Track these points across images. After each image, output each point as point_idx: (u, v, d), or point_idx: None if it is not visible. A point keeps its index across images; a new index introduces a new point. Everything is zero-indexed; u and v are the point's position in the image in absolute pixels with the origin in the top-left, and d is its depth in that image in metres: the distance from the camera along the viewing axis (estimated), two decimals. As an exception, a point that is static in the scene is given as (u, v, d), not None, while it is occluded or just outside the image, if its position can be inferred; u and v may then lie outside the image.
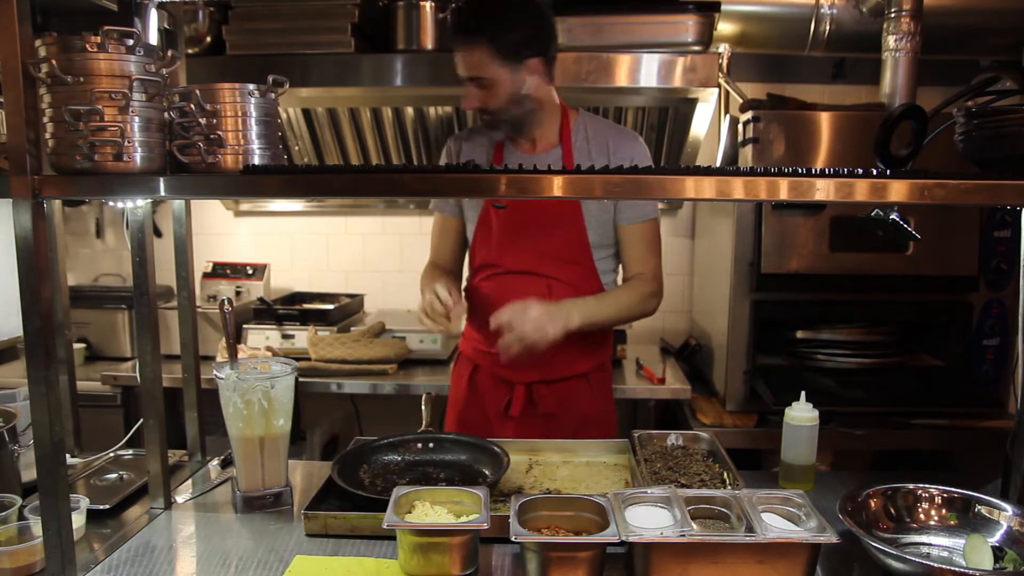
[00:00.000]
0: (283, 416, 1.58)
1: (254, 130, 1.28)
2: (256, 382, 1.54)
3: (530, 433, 1.95)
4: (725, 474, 1.61)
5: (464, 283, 2.18)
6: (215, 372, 1.56)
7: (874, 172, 1.13)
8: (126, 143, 1.19)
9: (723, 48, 2.65)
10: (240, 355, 2.74)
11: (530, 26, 1.86)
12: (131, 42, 1.18)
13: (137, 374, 1.62)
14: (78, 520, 1.44)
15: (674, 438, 1.77)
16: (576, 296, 1.96)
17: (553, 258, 1.99)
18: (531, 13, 1.87)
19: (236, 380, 1.54)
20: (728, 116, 2.56)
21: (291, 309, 2.97)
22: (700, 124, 2.74)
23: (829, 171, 1.13)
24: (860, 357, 2.47)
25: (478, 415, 2.10)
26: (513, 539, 1.23)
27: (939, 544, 1.43)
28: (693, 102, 2.63)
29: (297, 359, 2.94)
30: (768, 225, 2.36)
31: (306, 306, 3.10)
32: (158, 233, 2.98)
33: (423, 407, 1.89)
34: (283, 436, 1.59)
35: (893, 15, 1.55)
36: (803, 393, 1.70)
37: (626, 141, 1.99)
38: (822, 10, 2.50)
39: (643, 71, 2.39)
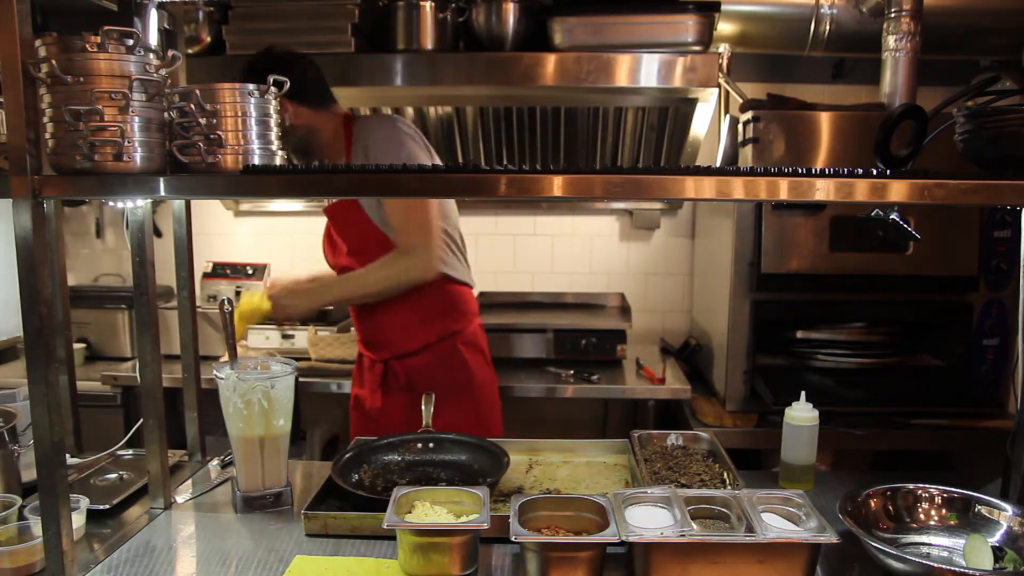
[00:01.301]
0: (283, 416, 1.58)
1: (254, 130, 1.28)
2: (256, 382, 1.54)
3: (394, 405, 2.16)
4: (725, 474, 1.61)
5: None
6: (215, 372, 1.56)
7: (874, 172, 1.13)
8: (126, 143, 1.19)
9: (723, 48, 2.65)
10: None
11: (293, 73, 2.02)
12: (131, 42, 1.18)
13: (137, 374, 1.62)
14: (78, 520, 1.44)
15: (674, 438, 1.77)
16: None
17: (366, 252, 2.12)
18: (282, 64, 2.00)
19: (236, 380, 1.54)
20: (728, 116, 2.56)
21: (291, 309, 2.96)
22: (700, 124, 2.74)
23: (829, 171, 1.13)
24: (860, 357, 2.47)
25: (364, 392, 2.31)
26: (513, 539, 1.23)
27: (939, 544, 1.43)
28: (693, 102, 2.63)
29: (297, 359, 2.95)
30: (768, 225, 2.36)
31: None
32: (158, 233, 2.98)
33: (423, 407, 1.89)
34: (283, 436, 1.59)
35: (893, 15, 1.55)
36: (803, 393, 1.70)
37: (369, 129, 2.08)
38: (822, 10, 2.50)
39: (643, 71, 2.39)
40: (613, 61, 2.38)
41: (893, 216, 1.57)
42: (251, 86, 1.27)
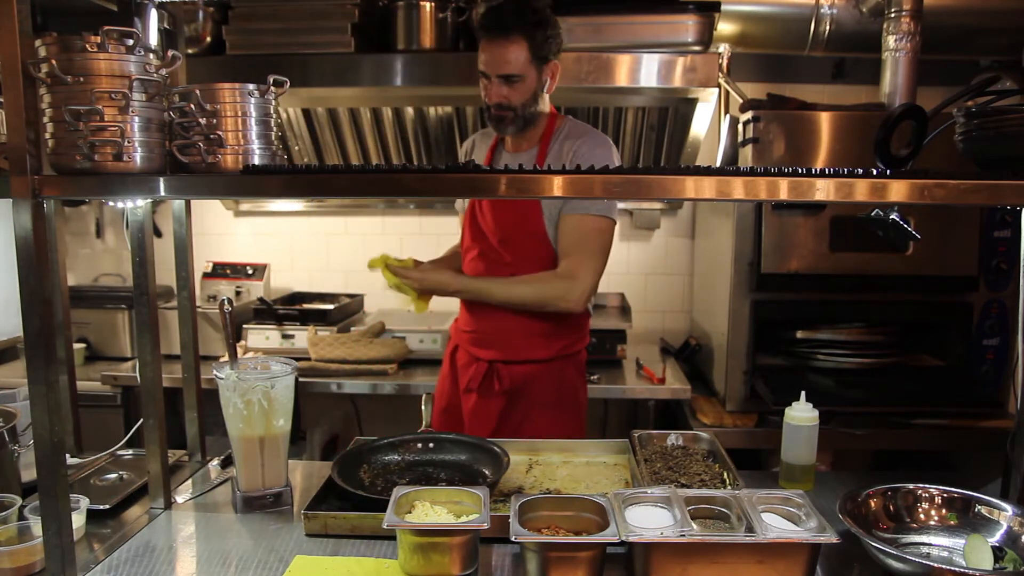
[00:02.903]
0: (283, 416, 1.58)
1: (254, 130, 1.28)
2: (256, 382, 1.54)
3: (487, 408, 2.08)
4: (725, 474, 1.61)
5: None
6: (215, 372, 1.56)
7: (874, 172, 1.13)
8: (126, 143, 1.19)
9: (723, 48, 2.65)
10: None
11: (557, 29, 1.96)
12: (131, 42, 1.18)
13: (137, 374, 1.62)
14: (78, 520, 1.44)
15: (674, 438, 1.77)
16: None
17: (518, 244, 2.07)
18: (553, 18, 1.96)
19: (236, 380, 1.54)
20: (728, 116, 2.56)
21: (291, 309, 2.97)
22: (700, 124, 2.74)
23: (829, 171, 1.13)
24: (860, 357, 2.47)
25: (451, 388, 2.24)
26: (513, 539, 1.23)
27: (939, 544, 1.43)
28: (693, 102, 2.63)
29: (297, 359, 2.95)
30: (768, 225, 2.36)
31: (306, 306, 3.10)
32: (158, 233, 2.98)
33: (423, 407, 1.89)
34: (283, 436, 1.59)
35: (893, 15, 1.55)
36: (803, 393, 1.70)
37: (589, 145, 2.02)
38: (822, 10, 2.50)
39: (643, 71, 2.39)
40: (613, 61, 2.38)
41: (893, 216, 1.57)
42: (251, 86, 1.27)
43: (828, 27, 2.52)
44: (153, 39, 1.58)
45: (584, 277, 2.01)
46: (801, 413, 1.67)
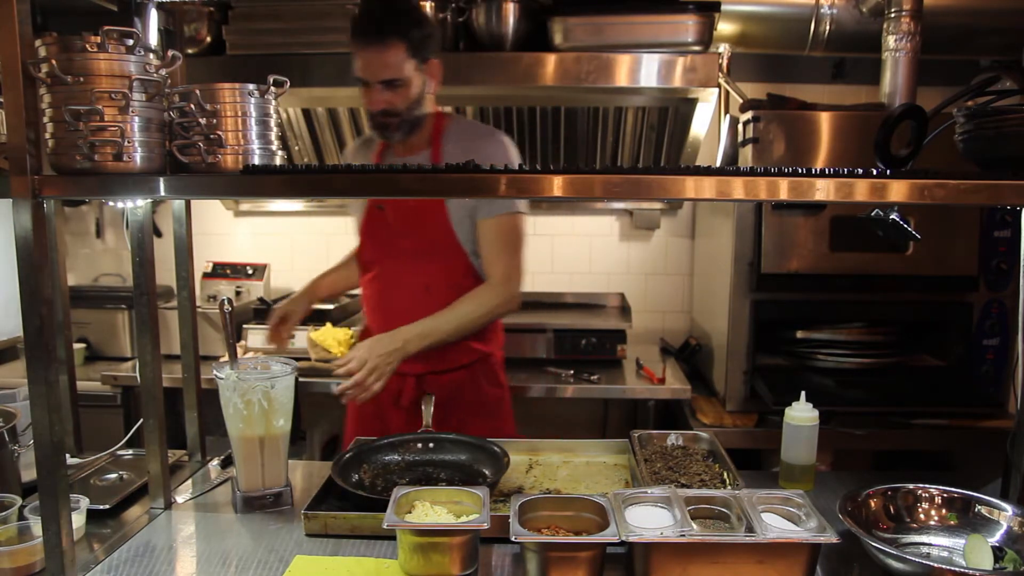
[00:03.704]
0: (283, 416, 1.58)
1: (254, 130, 1.28)
2: (256, 382, 1.54)
3: (420, 421, 1.99)
4: (725, 474, 1.61)
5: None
6: (215, 372, 1.56)
7: (874, 172, 1.13)
8: (126, 143, 1.19)
9: (723, 48, 2.65)
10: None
11: (432, 28, 1.92)
12: (131, 42, 1.18)
13: (137, 374, 1.62)
14: (78, 520, 1.44)
15: (674, 438, 1.77)
16: (454, 295, 2.00)
17: (427, 259, 2.03)
18: (427, 16, 1.93)
19: (236, 380, 1.54)
20: (728, 116, 2.56)
21: (291, 309, 2.96)
22: (700, 124, 2.74)
23: (829, 171, 1.13)
24: (860, 357, 2.47)
25: (372, 407, 2.09)
26: (513, 539, 1.23)
27: (939, 544, 1.43)
28: (693, 102, 2.63)
29: (297, 359, 2.94)
30: (768, 225, 2.36)
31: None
32: (158, 233, 2.98)
33: (423, 407, 1.89)
34: (283, 436, 1.59)
35: (893, 15, 1.55)
36: (803, 393, 1.70)
37: (484, 142, 2.01)
38: (822, 10, 2.50)
39: (643, 71, 2.39)
40: (613, 61, 2.38)
41: (893, 216, 1.57)
42: (251, 86, 1.27)
43: (828, 27, 2.52)
44: (153, 39, 1.58)
45: (517, 276, 2.03)
46: (801, 413, 1.67)
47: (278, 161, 1.33)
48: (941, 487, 1.48)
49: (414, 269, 2.03)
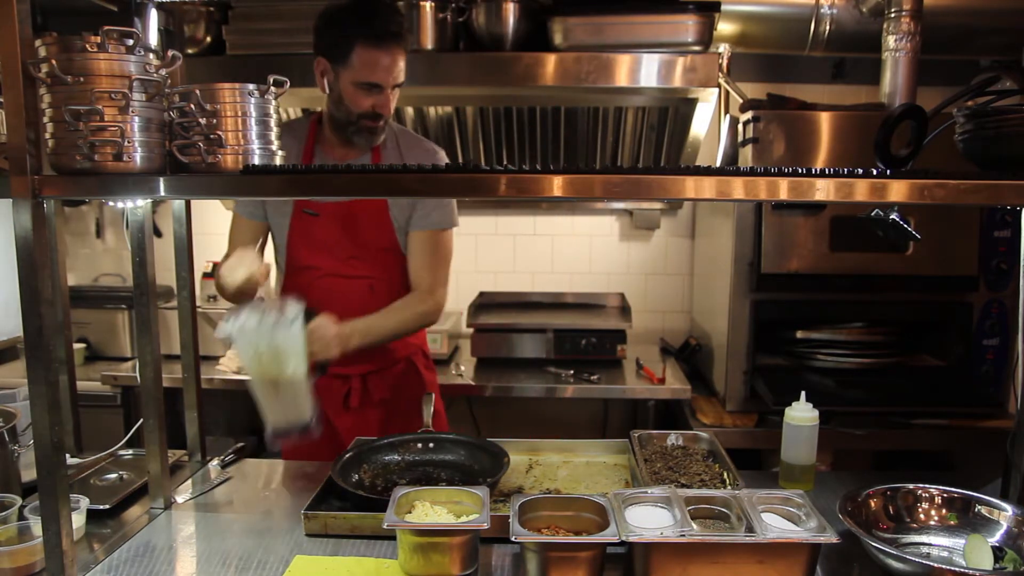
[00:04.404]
0: (294, 357, 1.58)
1: (254, 130, 1.28)
2: (263, 327, 1.55)
3: (369, 421, 2.01)
4: (725, 474, 1.61)
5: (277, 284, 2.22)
6: (224, 322, 1.57)
7: (874, 172, 1.13)
8: (126, 143, 1.19)
9: (723, 48, 2.65)
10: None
11: None
12: (131, 42, 1.18)
13: (137, 374, 1.63)
14: (78, 520, 1.44)
15: (674, 438, 1.77)
16: (397, 294, 2.02)
17: (371, 259, 2.02)
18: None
19: (245, 328, 1.55)
20: (728, 116, 2.56)
21: (291, 309, 2.97)
22: (700, 124, 2.74)
23: (829, 171, 1.13)
24: (860, 357, 2.47)
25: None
26: (513, 539, 1.23)
27: (939, 544, 1.43)
28: (693, 102, 2.63)
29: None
30: (768, 225, 2.36)
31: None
32: (158, 233, 2.98)
33: (423, 407, 1.89)
34: (298, 376, 1.60)
35: (893, 15, 1.55)
36: (803, 393, 1.70)
37: (425, 154, 2.03)
38: (822, 10, 2.50)
39: (643, 71, 2.39)
40: (613, 61, 2.38)
41: (893, 216, 1.57)
42: (251, 86, 1.27)
43: (828, 27, 2.52)
44: (153, 39, 1.58)
45: (443, 287, 2.05)
46: (801, 413, 1.67)
47: (278, 161, 1.33)
48: (941, 487, 1.48)
49: (358, 270, 2.02)
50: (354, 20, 1.81)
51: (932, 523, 1.46)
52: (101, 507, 1.55)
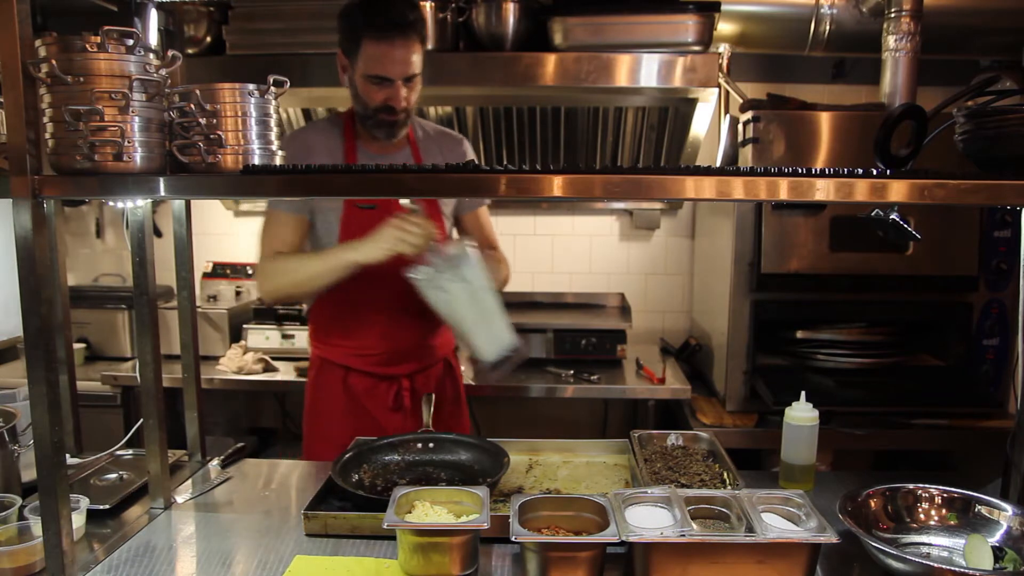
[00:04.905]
0: (486, 286, 1.70)
1: (254, 130, 1.28)
2: (449, 270, 1.66)
3: (419, 422, 1.96)
4: (725, 474, 1.61)
5: None
6: (412, 274, 1.68)
7: (874, 172, 1.14)
8: (126, 143, 1.19)
9: (723, 48, 2.65)
10: (233, 351, 2.74)
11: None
12: (131, 42, 1.18)
13: (137, 374, 1.63)
14: (78, 520, 1.44)
15: (674, 438, 1.77)
16: None
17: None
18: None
19: (431, 274, 1.68)
20: (728, 116, 2.56)
21: (291, 309, 2.97)
22: (700, 124, 2.74)
23: (829, 171, 1.13)
24: (860, 357, 2.47)
25: (361, 417, 2.03)
26: (513, 539, 1.23)
27: (939, 544, 1.43)
28: (693, 102, 2.63)
29: (296, 359, 2.95)
30: (768, 225, 2.36)
31: (306, 306, 3.10)
32: (158, 233, 2.98)
33: (423, 407, 1.89)
34: (493, 303, 1.71)
35: (893, 15, 1.55)
36: (803, 393, 1.70)
37: (455, 144, 2.10)
38: (822, 10, 2.50)
39: (643, 71, 2.39)
40: (613, 61, 2.38)
41: (893, 216, 1.57)
42: (251, 86, 1.28)
43: (828, 27, 2.52)
44: (153, 39, 1.58)
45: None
46: (801, 413, 1.67)
47: (278, 161, 1.33)
48: (941, 487, 1.48)
49: (406, 265, 1.92)
50: (362, 14, 1.81)
51: (932, 523, 1.46)
52: (101, 507, 1.55)
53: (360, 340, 2.02)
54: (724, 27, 2.58)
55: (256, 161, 1.28)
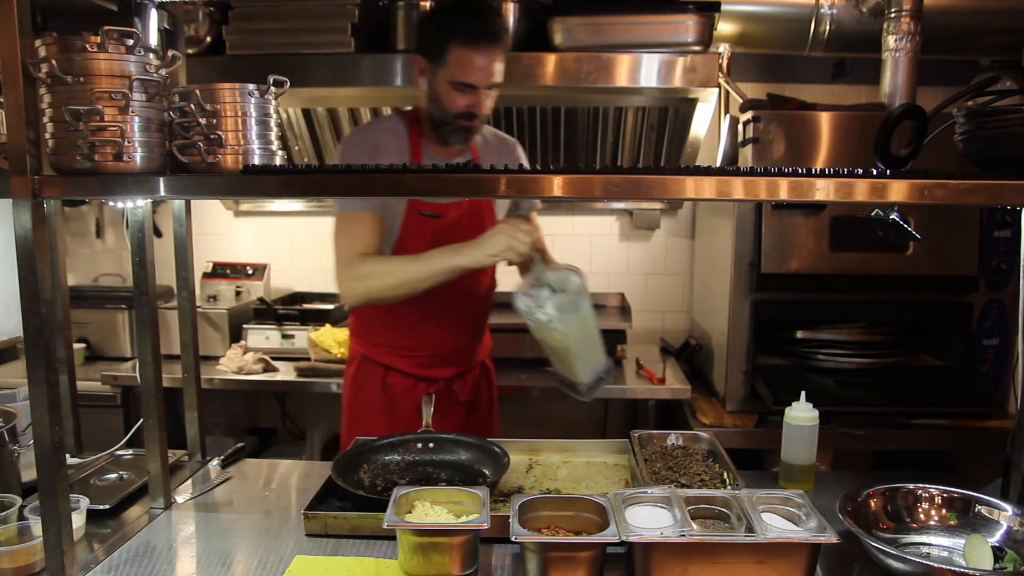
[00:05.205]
0: (582, 318, 1.64)
1: (254, 130, 1.28)
2: (548, 299, 1.62)
3: (454, 421, 2.01)
4: (725, 474, 1.61)
5: None
6: (517, 302, 1.64)
7: (874, 172, 1.14)
8: (126, 143, 1.19)
9: (723, 48, 2.65)
10: (233, 352, 2.75)
11: None
12: (131, 42, 1.18)
13: (137, 374, 1.63)
14: (78, 520, 1.44)
15: (674, 438, 1.77)
16: (489, 290, 2.10)
17: None
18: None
19: (527, 308, 1.64)
20: (728, 116, 2.56)
21: (291, 309, 2.97)
22: (700, 124, 2.74)
23: (829, 171, 1.13)
24: (860, 357, 2.47)
25: (396, 416, 2.01)
26: (513, 539, 1.23)
27: (939, 544, 1.43)
28: (693, 102, 2.63)
29: (297, 359, 2.95)
30: (768, 225, 2.36)
31: (306, 306, 3.10)
32: (158, 233, 2.98)
33: (423, 407, 1.89)
34: (597, 328, 1.69)
35: (893, 15, 1.55)
36: (803, 393, 1.70)
37: (511, 149, 2.10)
38: (822, 10, 2.50)
39: (643, 71, 2.39)
40: (613, 61, 2.38)
41: (893, 216, 1.57)
42: (251, 86, 1.28)
43: (828, 27, 2.52)
44: (153, 39, 1.58)
45: None
46: (801, 413, 1.67)
47: (278, 161, 1.33)
48: (941, 487, 1.48)
49: (467, 272, 1.85)
50: (452, 20, 1.80)
51: (932, 523, 1.46)
52: (101, 507, 1.55)
53: (407, 340, 2.01)
54: (724, 27, 2.58)
55: (256, 161, 1.28)
